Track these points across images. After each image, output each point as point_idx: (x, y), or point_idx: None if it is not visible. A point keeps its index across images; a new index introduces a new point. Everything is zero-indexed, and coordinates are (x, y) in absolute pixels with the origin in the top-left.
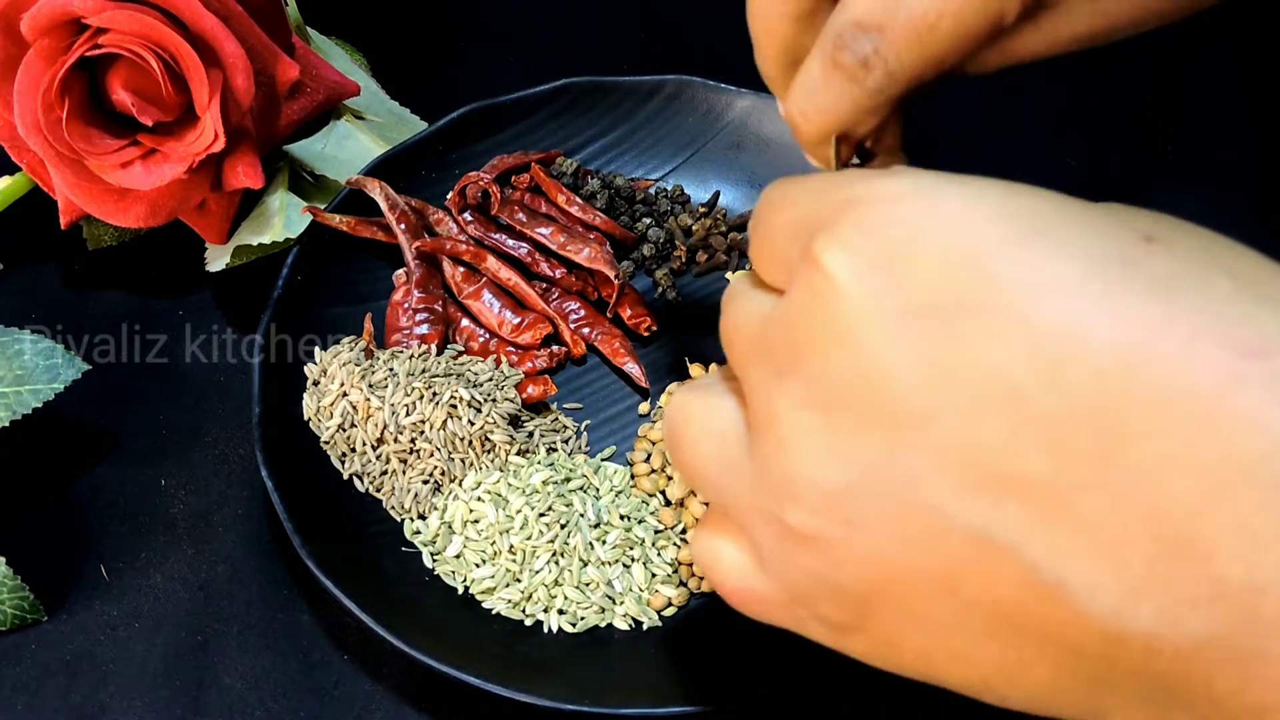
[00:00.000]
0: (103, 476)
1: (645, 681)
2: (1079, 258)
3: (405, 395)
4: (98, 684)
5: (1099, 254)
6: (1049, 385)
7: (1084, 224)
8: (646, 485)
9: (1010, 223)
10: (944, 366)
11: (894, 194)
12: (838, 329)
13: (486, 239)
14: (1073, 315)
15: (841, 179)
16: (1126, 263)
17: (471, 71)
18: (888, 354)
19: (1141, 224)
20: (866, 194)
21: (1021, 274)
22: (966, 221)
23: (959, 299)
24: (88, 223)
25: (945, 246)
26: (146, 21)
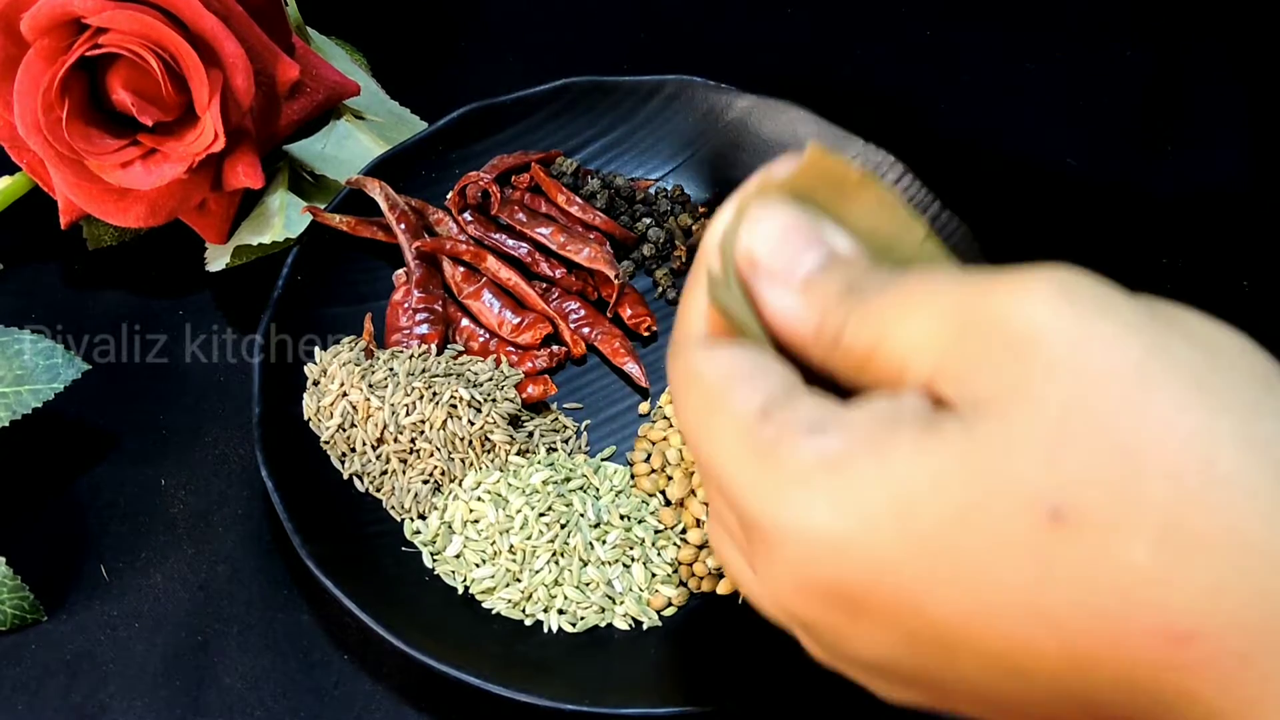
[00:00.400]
0: (103, 476)
1: (645, 681)
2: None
3: (405, 395)
4: (98, 684)
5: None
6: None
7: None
8: (646, 485)
9: (1195, 394)
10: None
11: (809, 543)
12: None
13: (486, 239)
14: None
15: (985, 297)
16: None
17: (471, 71)
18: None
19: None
20: (784, 534)
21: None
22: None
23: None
24: (88, 223)
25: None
26: (146, 21)
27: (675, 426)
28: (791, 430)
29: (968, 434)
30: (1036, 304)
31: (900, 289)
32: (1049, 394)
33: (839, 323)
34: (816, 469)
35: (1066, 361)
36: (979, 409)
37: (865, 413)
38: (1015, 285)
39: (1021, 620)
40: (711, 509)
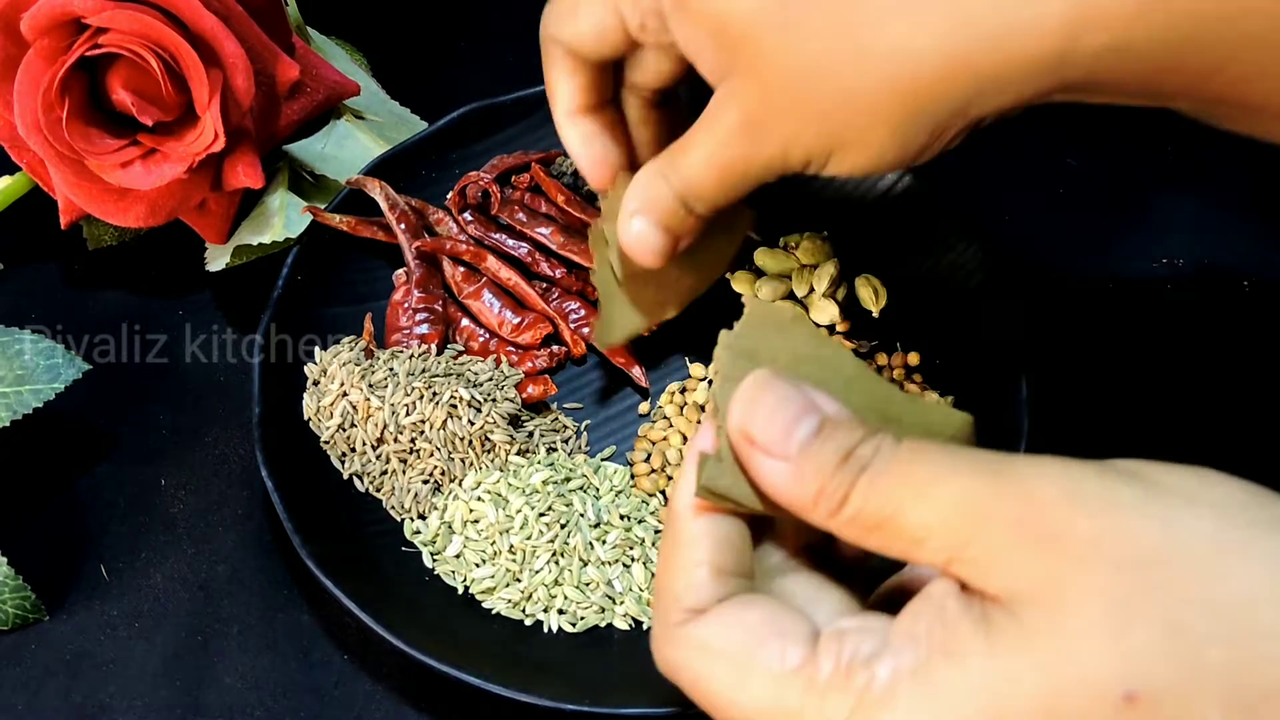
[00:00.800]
0: (103, 476)
1: (645, 681)
2: None
3: (405, 395)
4: (98, 684)
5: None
6: None
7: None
8: (646, 485)
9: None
10: None
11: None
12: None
13: (486, 239)
14: None
15: (1001, 488)
16: None
17: (471, 71)
18: None
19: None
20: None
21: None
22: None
23: None
24: (88, 223)
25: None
26: (146, 21)
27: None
28: (852, 662)
29: (1027, 629)
30: (1061, 490)
31: (909, 468)
32: (1093, 584)
33: (840, 492)
34: (899, 686)
35: (1099, 553)
36: (1025, 602)
37: (919, 622)
38: (1035, 473)
39: None
40: None
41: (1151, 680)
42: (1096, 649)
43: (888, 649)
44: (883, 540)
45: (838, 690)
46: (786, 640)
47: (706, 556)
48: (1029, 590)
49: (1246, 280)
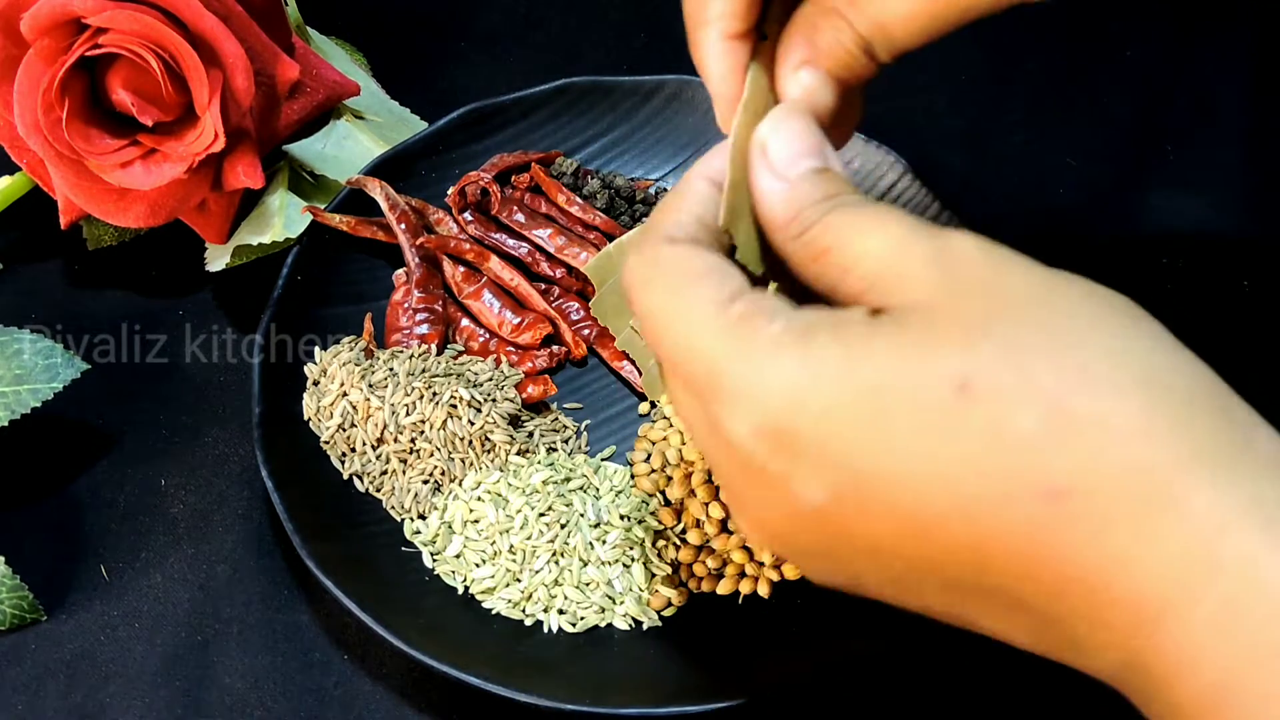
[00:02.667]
0: (103, 476)
1: (645, 681)
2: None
3: (405, 395)
4: (98, 684)
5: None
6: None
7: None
8: (646, 485)
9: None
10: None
11: (766, 395)
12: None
13: (487, 239)
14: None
15: (922, 232)
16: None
17: (471, 71)
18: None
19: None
20: (746, 389)
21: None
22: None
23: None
24: (88, 223)
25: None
26: (146, 21)
27: (641, 329)
28: (757, 312)
29: (900, 325)
30: (976, 243)
31: (870, 214)
32: (971, 303)
33: (810, 220)
34: (782, 337)
35: (990, 281)
36: (911, 310)
37: (818, 311)
38: (960, 233)
39: (930, 474)
40: (670, 383)
41: (986, 379)
42: (950, 344)
43: (785, 313)
44: (821, 269)
45: (737, 330)
46: (724, 281)
47: (695, 208)
48: (920, 301)
49: (1246, 280)
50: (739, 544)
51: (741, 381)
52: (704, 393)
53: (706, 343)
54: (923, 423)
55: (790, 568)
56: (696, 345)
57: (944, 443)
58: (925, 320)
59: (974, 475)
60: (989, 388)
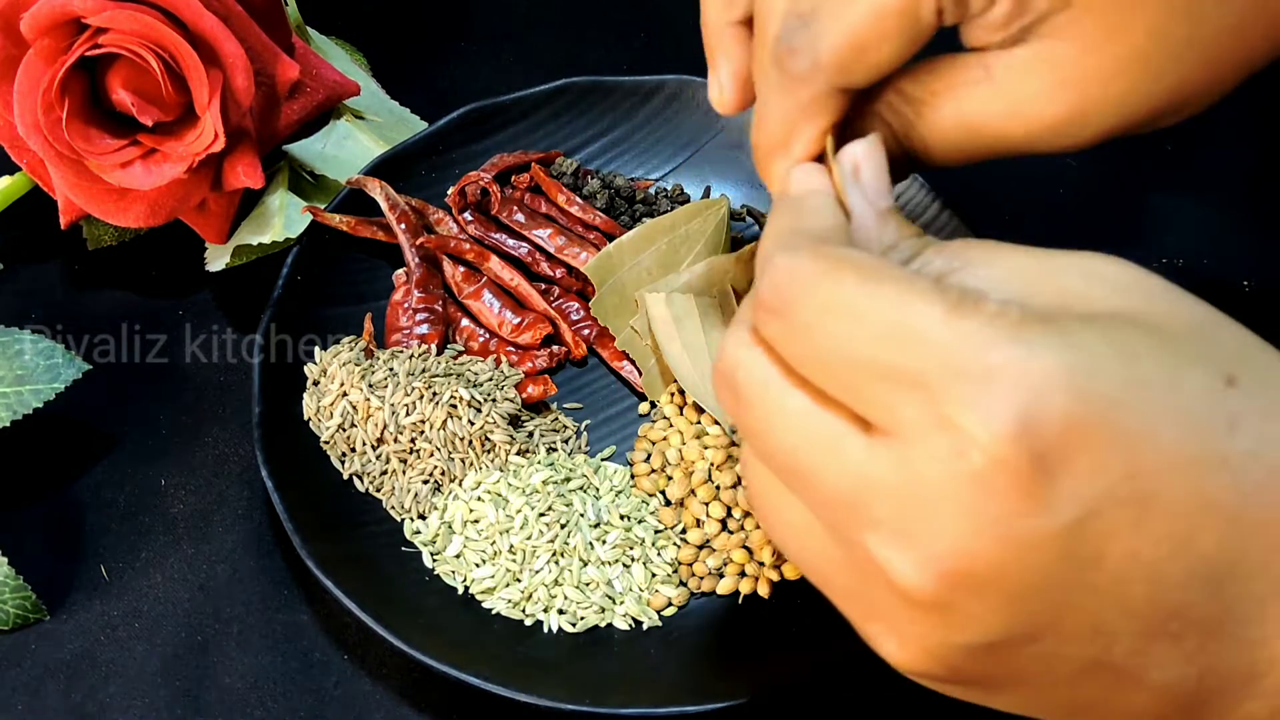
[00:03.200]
0: (103, 476)
1: (645, 681)
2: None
3: (405, 395)
4: (98, 684)
5: (1201, 416)
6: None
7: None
8: (646, 485)
9: (1140, 409)
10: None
11: (1035, 376)
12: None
13: (487, 239)
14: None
15: (939, 326)
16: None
17: (471, 71)
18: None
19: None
20: (1005, 368)
21: (1164, 461)
22: (1116, 415)
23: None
24: (88, 223)
25: (1101, 447)
26: (146, 21)
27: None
28: (982, 298)
29: (1135, 324)
30: (1121, 263)
31: (977, 242)
32: (1179, 309)
33: (911, 250)
34: (1032, 321)
35: (1173, 292)
36: (1119, 316)
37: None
38: (1089, 253)
39: (1214, 467)
40: (803, 427)
41: (1246, 370)
42: (1200, 341)
43: (998, 299)
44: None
45: (967, 310)
46: (917, 273)
47: (836, 219)
48: (1121, 311)
49: (1246, 280)
50: (739, 544)
51: (1000, 365)
52: (929, 387)
53: (933, 326)
54: (1207, 420)
55: (790, 568)
56: (920, 327)
57: (1227, 438)
58: (1151, 321)
59: (1256, 468)
60: (1253, 380)
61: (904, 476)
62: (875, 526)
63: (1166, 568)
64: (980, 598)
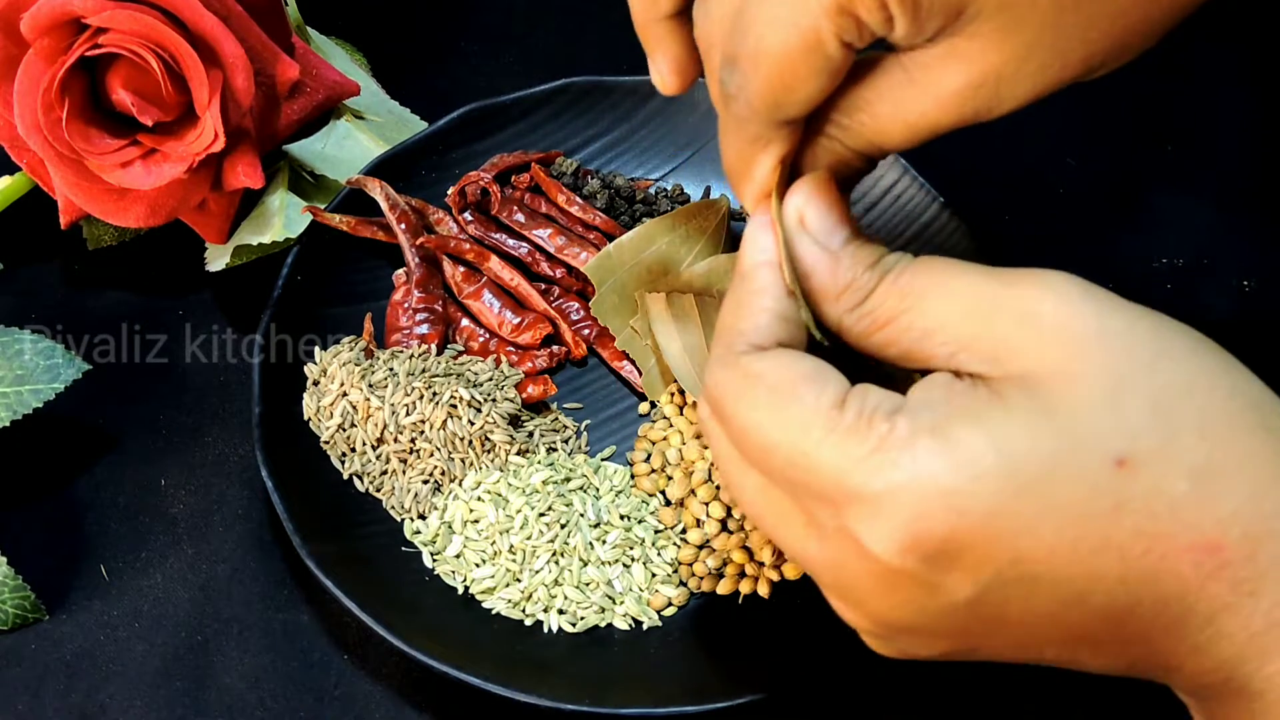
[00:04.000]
0: (103, 476)
1: (645, 681)
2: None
3: (405, 395)
4: (98, 684)
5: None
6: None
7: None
8: (646, 485)
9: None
10: None
11: (918, 502)
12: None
13: (487, 239)
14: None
15: (1011, 289)
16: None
17: (471, 71)
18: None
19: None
20: (891, 496)
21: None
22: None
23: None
24: (88, 223)
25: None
26: (146, 21)
27: (705, 432)
28: (874, 413)
29: (1039, 401)
30: (1063, 296)
31: (929, 271)
32: (1097, 366)
33: (867, 288)
34: (914, 439)
35: (1101, 341)
36: (1037, 381)
37: (933, 392)
38: (1038, 280)
39: (1098, 548)
40: (763, 503)
41: (1141, 447)
42: (1098, 420)
43: (906, 409)
44: (893, 334)
45: (858, 434)
46: (825, 386)
47: (773, 305)
48: (1041, 371)
49: (1246, 280)
50: (739, 544)
51: (883, 492)
52: (832, 503)
53: (828, 454)
54: (1089, 507)
55: (791, 568)
56: (817, 456)
57: (1114, 517)
58: (1058, 393)
59: (1143, 540)
60: (1144, 458)
61: (831, 559)
62: (821, 583)
63: (1065, 616)
64: (912, 636)
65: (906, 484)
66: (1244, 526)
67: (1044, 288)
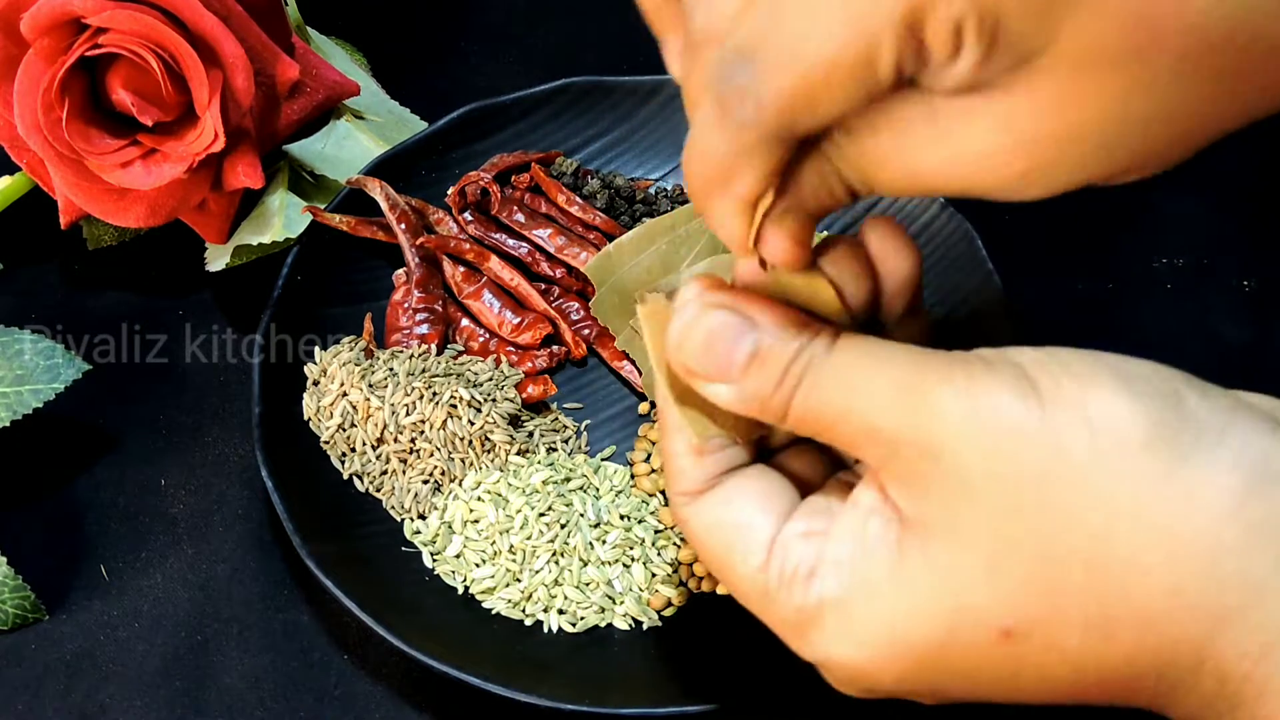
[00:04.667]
0: (103, 476)
1: (645, 681)
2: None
3: (405, 395)
4: (98, 684)
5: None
6: None
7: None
8: (646, 485)
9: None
10: None
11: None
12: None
13: (487, 239)
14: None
15: (912, 404)
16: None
17: (471, 71)
18: None
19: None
20: (827, 664)
21: None
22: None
23: None
24: (88, 223)
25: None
26: (146, 21)
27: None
28: (793, 580)
29: (928, 563)
30: (956, 427)
31: (832, 388)
32: (981, 523)
33: (780, 408)
34: (824, 611)
35: (989, 487)
36: (926, 530)
37: (844, 545)
38: (933, 402)
39: (1008, 696)
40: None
41: (1023, 616)
42: (980, 588)
43: (818, 571)
44: (828, 439)
45: (780, 604)
46: (751, 542)
47: (685, 446)
48: (931, 521)
49: (1246, 280)
50: None
51: (812, 659)
52: (787, 638)
53: (766, 615)
54: (986, 674)
55: None
56: (759, 612)
57: (1013, 679)
58: (945, 553)
59: (1046, 694)
60: (1029, 625)
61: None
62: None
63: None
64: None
65: (824, 661)
66: (1143, 666)
67: (947, 400)
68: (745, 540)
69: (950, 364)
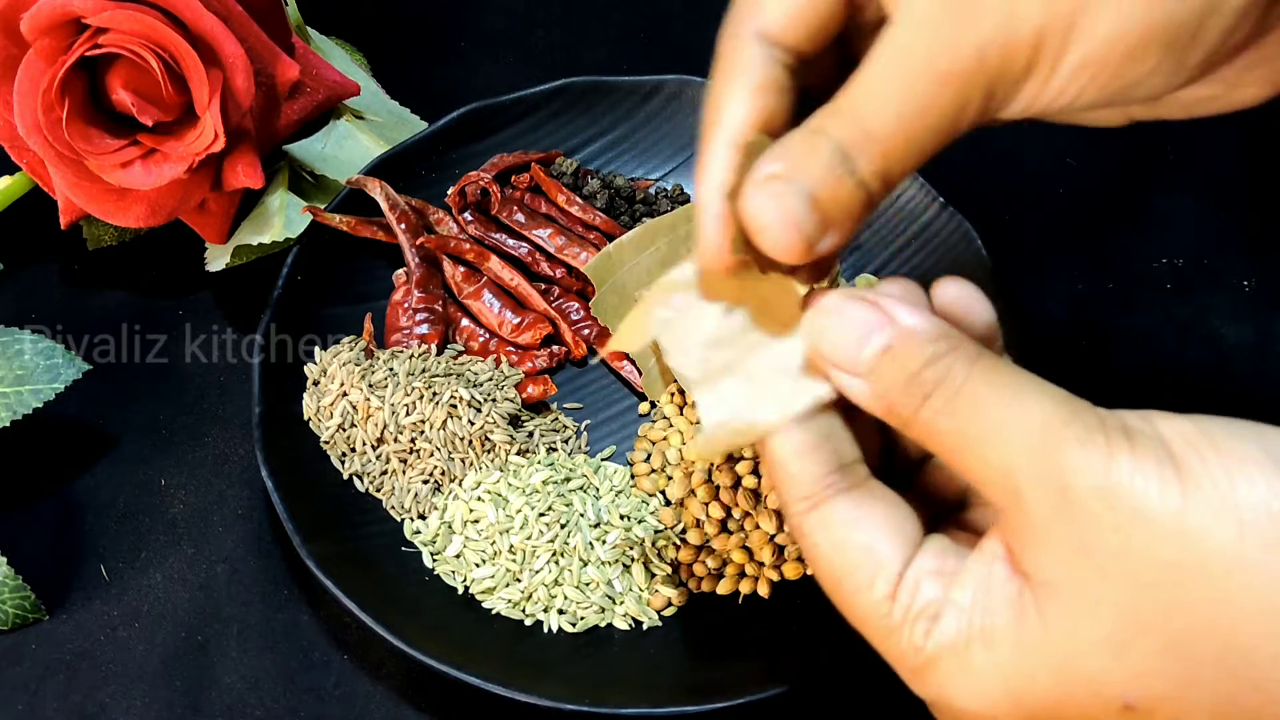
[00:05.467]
0: (103, 476)
1: (645, 681)
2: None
3: (405, 395)
4: (98, 684)
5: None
6: None
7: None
8: (646, 485)
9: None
10: None
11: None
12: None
13: (487, 239)
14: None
15: (1052, 460)
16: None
17: (471, 71)
18: None
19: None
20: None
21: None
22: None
23: None
24: (88, 223)
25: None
26: (146, 21)
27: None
28: (918, 618)
29: (1050, 627)
30: (1088, 498)
31: (970, 410)
32: (1110, 596)
33: (907, 414)
34: (942, 655)
35: (1120, 566)
36: (1049, 591)
37: (967, 591)
38: (1067, 463)
39: None
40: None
41: (1148, 693)
42: (1105, 659)
43: (942, 614)
44: (953, 462)
45: (902, 635)
46: (879, 570)
47: (791, 448)
48: (1056, 584)
49: (1246, 280)
50: (739, 544)
51: (927, 699)
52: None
53: (886, 649)
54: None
55: (790, 568)
56: (878, 644)
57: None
58: (1070, 618)
59: None
60: (1152, 703)
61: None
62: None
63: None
64: None
65: (936, 702)
66: None
67: (1081, 467)
68: (873, 567)
69: (1090, 426)
